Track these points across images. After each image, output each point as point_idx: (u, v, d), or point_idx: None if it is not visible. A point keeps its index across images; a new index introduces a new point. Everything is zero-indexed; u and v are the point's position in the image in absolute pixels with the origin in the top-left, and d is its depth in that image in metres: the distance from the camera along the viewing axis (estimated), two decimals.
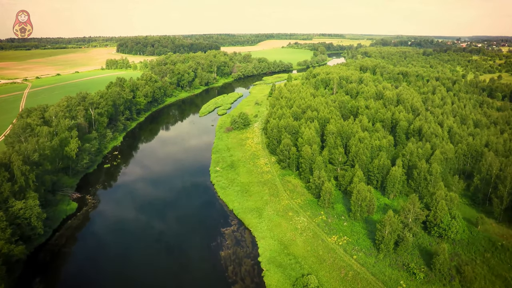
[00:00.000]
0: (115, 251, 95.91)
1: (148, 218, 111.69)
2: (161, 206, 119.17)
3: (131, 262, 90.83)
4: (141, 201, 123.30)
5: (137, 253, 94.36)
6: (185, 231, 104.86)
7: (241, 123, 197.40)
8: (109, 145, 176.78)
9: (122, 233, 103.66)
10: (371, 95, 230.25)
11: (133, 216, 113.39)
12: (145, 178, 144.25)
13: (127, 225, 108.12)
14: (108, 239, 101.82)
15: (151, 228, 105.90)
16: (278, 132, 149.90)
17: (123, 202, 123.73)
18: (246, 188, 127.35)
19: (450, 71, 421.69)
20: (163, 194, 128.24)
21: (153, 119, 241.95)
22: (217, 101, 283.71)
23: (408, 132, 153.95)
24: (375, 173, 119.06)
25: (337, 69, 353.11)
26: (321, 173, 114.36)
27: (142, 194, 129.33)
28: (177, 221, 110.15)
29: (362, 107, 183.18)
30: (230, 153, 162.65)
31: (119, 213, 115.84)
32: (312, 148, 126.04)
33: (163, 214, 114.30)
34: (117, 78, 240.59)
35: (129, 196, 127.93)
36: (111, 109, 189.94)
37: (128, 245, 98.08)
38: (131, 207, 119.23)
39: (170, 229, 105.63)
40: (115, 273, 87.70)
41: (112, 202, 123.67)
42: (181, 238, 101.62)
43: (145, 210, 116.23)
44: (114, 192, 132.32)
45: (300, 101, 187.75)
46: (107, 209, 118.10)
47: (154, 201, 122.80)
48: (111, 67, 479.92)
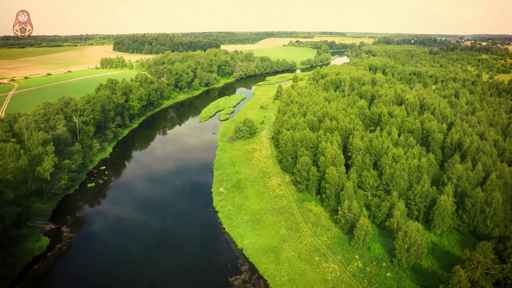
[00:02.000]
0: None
1: (136, 265, 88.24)
2: (152, 245, 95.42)
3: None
4: (130, 235, 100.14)
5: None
6: (184, 283, 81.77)
7: (246, 131, 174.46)
8: (96, 158, 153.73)
9: (104, 281, 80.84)
10: (389, 99, 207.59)
11: (117, 257, 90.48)
12: (135, 201, 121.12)
13: (111, 271, 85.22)
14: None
15: (139, 277, 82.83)
16: (293, 146, 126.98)
17: (107, 235, 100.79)
18: (257, 218, 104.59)
19: (462, 71, 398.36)
20: (156, 225, 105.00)
21: (148, 124, 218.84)
22: (218, 104, 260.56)
23: (444, 146, 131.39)
24: (416, 202, 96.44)
25: (346, 69, 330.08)
26: (353, 204, 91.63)
27: (131, 225, 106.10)
28: (173, 268, 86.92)
29: (385, 115, 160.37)
30: (236, 169, 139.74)
31: (102, 251, 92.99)
32: (339, 170, 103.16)
33: (154, 257, 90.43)
34: (108, 79, 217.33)
35: (114, 227, 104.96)
36: (99, 116, 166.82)
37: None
38: (116, 243, 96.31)
39: (164, 284, 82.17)
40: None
41: (94, 236, 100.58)
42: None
43: (133, 251, 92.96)
44: (97, 221, 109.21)
45: (314, 107, 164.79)
46: (86, 246, 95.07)
47: (144, 235, 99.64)
48: (106, 66, 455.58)
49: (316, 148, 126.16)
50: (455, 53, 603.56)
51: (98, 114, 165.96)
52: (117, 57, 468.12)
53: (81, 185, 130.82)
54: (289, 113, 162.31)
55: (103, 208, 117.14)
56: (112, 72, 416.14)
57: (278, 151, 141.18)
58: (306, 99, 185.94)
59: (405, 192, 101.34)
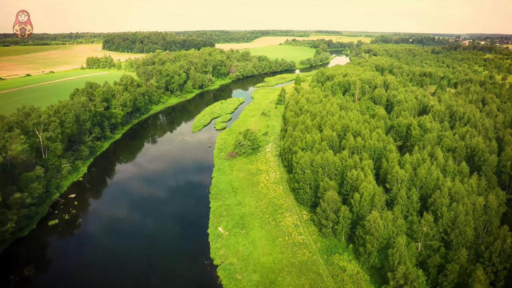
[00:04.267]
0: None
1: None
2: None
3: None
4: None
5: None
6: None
7: (248, 146, 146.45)
8: (65, 182, 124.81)
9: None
10: (411, 106, 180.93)
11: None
12: (110, 243, 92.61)
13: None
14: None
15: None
16: (313, 174, 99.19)
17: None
18: (271, 278, 76.81)
19: (472, 71, 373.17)
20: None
21: (133, 134, 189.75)
22: (213, 110, 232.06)
23: (501, 171, 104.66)
24: (494, 262, 69.39)
25: (353, 70, 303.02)
26: (409, 268, 64.14)
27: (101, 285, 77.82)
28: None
29: (415, 127, 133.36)
30: (237, 198, 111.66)
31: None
32: (383, 215, 75.53)
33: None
34: (87, 83, 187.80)
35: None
36: (71, 129, 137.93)
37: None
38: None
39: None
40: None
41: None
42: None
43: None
44: (59, 280, 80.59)
45: (330, 119, 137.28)
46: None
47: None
48: (92, 66, 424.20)
49: (341, 175, 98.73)
50: (459, 53, 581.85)
51: (69, 127, 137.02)
52: (104, 57, 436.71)
53: (41, 222, 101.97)
54: (300, 125, 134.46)
55: (65, 260, 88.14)
56: (99, 72, 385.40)
57: (291, 177, 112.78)
58: (318, 107, 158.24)
59: (472, 245, 74.28)
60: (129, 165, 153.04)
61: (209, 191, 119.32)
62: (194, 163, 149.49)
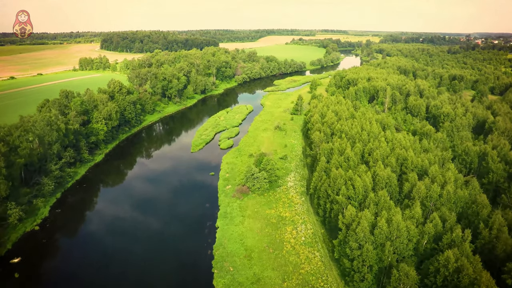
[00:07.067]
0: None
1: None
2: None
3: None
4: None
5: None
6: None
7: (264, 179, 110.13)
8: (13, 235, 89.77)
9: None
10: (466, 123, 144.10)
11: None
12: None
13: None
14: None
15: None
16: (375, 249, 62.81)
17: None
18: None
19: (502, 73, 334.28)
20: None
21: (120, 153, 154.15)
22: (217, 122, 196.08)
23: None
24: None
25: (376, 73, 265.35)
26: None
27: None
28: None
29: (493, 158, 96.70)
30: (253, 271, 75.49)
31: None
32: None
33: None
34: (61, 91, 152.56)
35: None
36: (31, 155, 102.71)
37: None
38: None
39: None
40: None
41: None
42: None
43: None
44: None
45: (377, 145, 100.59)
46: None
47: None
48: (85, 68, 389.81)
49: (415, 248, 62.43)
50: (478, 52, 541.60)
51: (25, 154, 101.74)
52: (99, 57, 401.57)
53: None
54: (337, 155, 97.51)
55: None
56: (91, 75, 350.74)
57: (337, 248, 75.20)
58: (354, 126, 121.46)
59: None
60: (104, 202, 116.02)
61: (211, 254, 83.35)
62: (191, 201, 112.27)
